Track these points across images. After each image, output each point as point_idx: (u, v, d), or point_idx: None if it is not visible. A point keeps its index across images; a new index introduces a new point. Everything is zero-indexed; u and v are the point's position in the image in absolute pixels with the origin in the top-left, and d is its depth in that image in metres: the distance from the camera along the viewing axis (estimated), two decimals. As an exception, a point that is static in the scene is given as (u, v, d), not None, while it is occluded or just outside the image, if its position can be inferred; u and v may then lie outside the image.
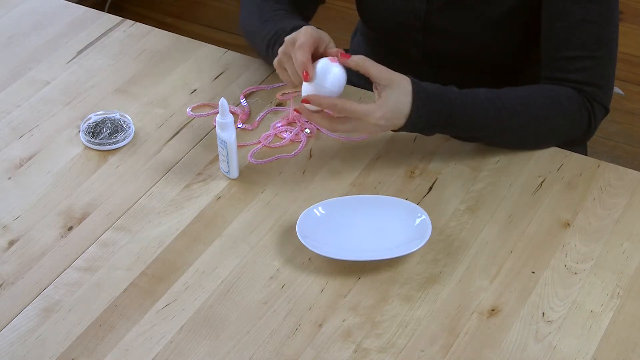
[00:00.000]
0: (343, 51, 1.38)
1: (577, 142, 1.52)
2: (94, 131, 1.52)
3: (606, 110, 1.48)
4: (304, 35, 1.36)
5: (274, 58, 1.41)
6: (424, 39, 1.57)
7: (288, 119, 1.53)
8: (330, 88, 1.35)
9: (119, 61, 1.69)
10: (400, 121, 1.37)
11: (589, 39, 1.43)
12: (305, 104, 1.36)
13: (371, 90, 1.41)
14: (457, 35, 1.55)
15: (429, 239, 1.32)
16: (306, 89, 1.36)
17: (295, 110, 1.42)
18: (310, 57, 1.36)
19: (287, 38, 1.38)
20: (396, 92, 1.35)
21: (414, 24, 1.56)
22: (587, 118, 1.45)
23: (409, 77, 1.37)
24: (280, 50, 1.39)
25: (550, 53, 1.47)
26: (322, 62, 1.36)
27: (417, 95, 1.36)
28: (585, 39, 1.43)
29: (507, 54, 1.56)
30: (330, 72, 1.35)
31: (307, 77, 1.35)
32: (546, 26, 1.46)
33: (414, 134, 1.51)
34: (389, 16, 1.59)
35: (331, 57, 1.36)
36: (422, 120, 1.37)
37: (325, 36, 1.39)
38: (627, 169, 1.46)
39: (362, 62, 1.35)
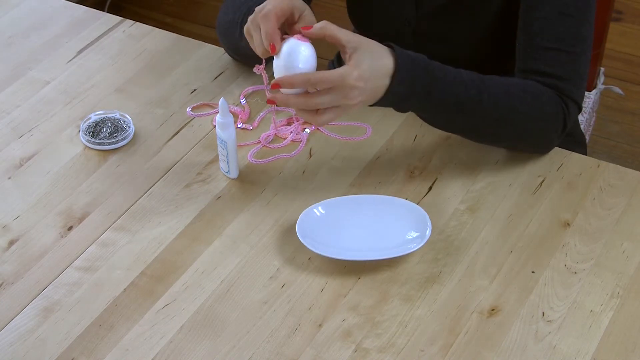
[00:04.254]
0: (302, 26, 1.30)
1: (550, 145, 1.47)
2: (94, 131, 1.52)
3: (579, 109, 1.46)
4: (271, 3, 1.29)
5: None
6: (415, 44, 1.56)
7: (288, 119, 1.54)
8: (303, 68, 1.27)
9: (118, 61, 1.69)
10: (380, 82, 1.29)
11: (565, 32, 1.41)
12: (279, 90, 1.28)
13: None
14: (447, 40, 1.55)
15: (429, 239, 1.32)
16: (278, 73, 1.29)
17: (268, 101, 1.31)
18: (275, 26, 1.28)
19: (257, 7, 1.31)
20: (368, 53, 1.28)
21: (404, 30, 1.57)
22: (562, 120, 1.42)
23: (389, 43, 1.31)
24: (249, 18, 1.32)
25: (525, 43, 1.44)
26: (290, 43, 1.28)
27: (401, 60, 1.30)
28: (562, 32, 1.41)
29: (497, 58, 1.56)
30: (299, 53, 1.28)
31: (274, 50, 1.27)
32: (522, 18, 1.44)
33: (414, 134, 1.51)
34: (380, 22, 1.59)
35: (298, 36, 1.29)
36: (403, 86, 1.30)
37: (299, 3, 1.31)
38: (627, 169, 1.46)
39: (326, 26, 1.28)
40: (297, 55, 1.27)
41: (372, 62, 1.27)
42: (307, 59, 1.28)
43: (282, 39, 1.29)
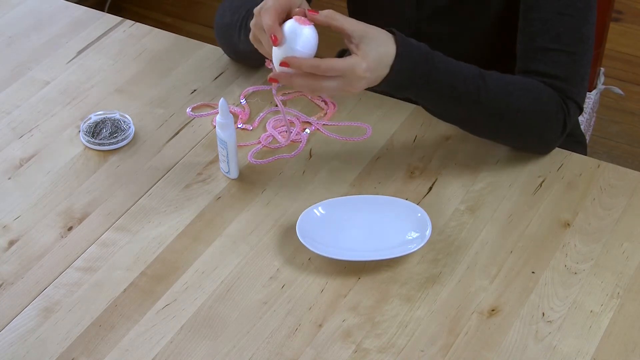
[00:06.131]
0: (309, 9, 1.30)
1: (550, 145, 1.47)
2: (94, 131, 1.52)
3: (580, 110, 1.46)
4: (269, 1, 1.29)
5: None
6: None
7: (285, 119, 1.54)
8: (302, 51, 1.27)
9: (119, 61, 1.69)
10: (384, 71, 1.30)
11: (565, 32, 1.41)
12: (283, 67, 1.28)
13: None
14: (448, 41, 1.55)
15: (429, 239, 1.32)
16: (277, 55, 1.28)
17: (270, 79, 1.30)
18: (276, 19, 1.28)
19: (255, 9, 1.31)
20: (374, 42, 1.29)
21: (405, 31, 1.56)
22: (562, 120, 1.42)
23: (391, 29, 1.33)
24: (252, 23, 1.32)
25: (525, 44, 1.44)
26: (290, 24, 1.28)
27: (402, 48, 1.31)
28: (562, 32, 1.41)
29: (498, 59, 1.56)
30: (301, 35, 1.27)
31: (276, 41, 1.27)
32: (522, 19, 1.44)
33: (414, 134, 1.51)
34: (381, 23, 1.59)
35: (298, 18, 1.28)
36: (402, 75, 1.32)
37: None
38: (627, 169, 1.46)
39: (332, 15, 1.29)
40: (297, 37, 1.27)
41: (378, 51, 1.29)
42: (308, 41, 1.27)
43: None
